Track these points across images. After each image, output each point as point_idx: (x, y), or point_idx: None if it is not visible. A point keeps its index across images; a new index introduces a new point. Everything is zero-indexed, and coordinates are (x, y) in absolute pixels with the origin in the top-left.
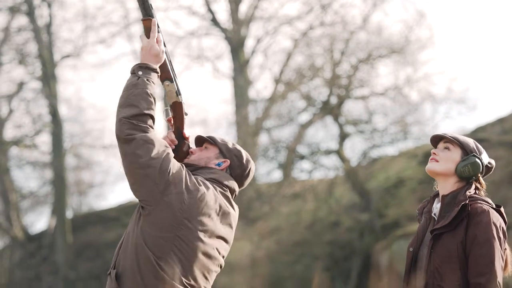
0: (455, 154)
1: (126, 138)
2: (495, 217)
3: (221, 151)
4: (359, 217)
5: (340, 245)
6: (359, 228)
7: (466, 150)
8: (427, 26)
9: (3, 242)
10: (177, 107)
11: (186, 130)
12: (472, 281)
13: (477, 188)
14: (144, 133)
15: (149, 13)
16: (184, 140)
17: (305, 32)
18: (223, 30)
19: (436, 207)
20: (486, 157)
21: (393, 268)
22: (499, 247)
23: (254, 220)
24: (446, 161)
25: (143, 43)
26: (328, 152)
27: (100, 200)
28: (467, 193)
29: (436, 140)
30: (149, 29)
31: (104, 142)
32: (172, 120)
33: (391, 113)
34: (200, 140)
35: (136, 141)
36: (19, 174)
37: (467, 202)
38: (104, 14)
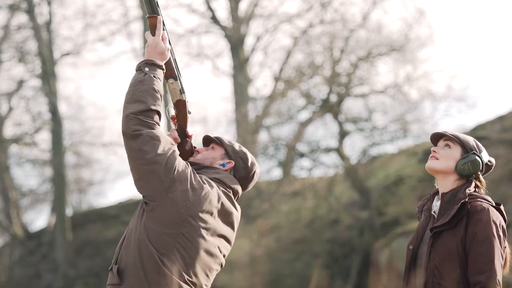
0: (455, 152)
1: (133, 134)
2: (495, 215)
3: (227, 152)
4: (359, 215)
5: (340, 243)
6: (359, 226)
7: (466, 148)
8: (427, 24)
9: (3, 240)
10: (181, 105)
11: (189, 129)
12: (472, 279)
13: (477, 186)
14: (151, 130)
15: (155, 11)
16: (187, 139)
17: (305, 30)
18: (223, 28)
19: (436, 205)
20: (486, 155)
21: (393, 266)
22: (499, 245)
23: (254, 218)
24: (446, 159)
25: (149, 41)
26: (328, 150)
27: (100, 198)
28: (467, 191)
29: (436, 138)
30: (155, 27)
31: (104, 140)
32: (176, 118)
33: (391, 111)
34: (208, 140)
35: (143, 137)
36: (19, 172)
37: (467, 200)
38: (104, 12)
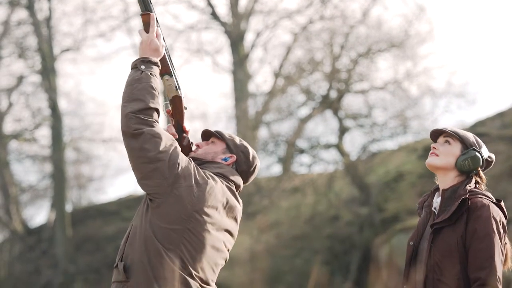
0: (455, 148)
1: (134, 133)
2: (495, 211)
3: (228, 146)
4: (359, 211)
5: (340, 239)
6: (359, 222)
7: (466, 144)
8: (427, 20)
9: (3, 236)
10: (177, 101)
11: (186, 124)
12: (472, 275)
13: (477, 182)
14: (151, 127)
15: (148, 8)
16: (184, 134)
17: (305, 26)
18: (223, 24)
19: (437, 201)
20: (486, 151)
21: (393, 262)
22: (499, 242)
23: (254, 214)
24: (446, 155)
25: (143, 38)
26: (328, 146)
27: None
28: (467, 187)
29: (436, 135)
30: (148, 24)
31: (104, 136)
32: (172, 114)
33: (391, 107)
34: (207, 134)
35: (144, 136)
36: (19, 168)
37: (467, 196)
38: (104, 8)
